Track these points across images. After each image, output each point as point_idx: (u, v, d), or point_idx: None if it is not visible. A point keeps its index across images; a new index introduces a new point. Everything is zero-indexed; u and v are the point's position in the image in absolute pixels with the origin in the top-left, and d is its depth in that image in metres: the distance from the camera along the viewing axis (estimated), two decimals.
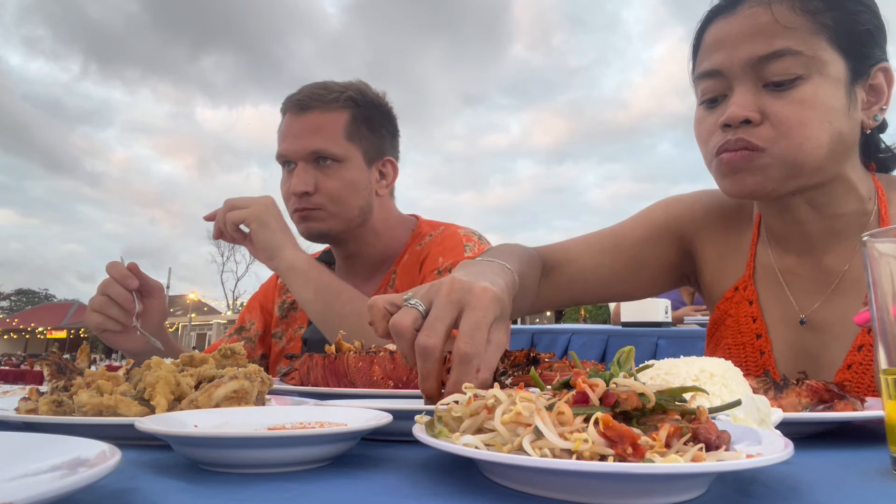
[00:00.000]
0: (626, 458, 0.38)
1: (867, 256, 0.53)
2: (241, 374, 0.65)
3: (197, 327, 34.40)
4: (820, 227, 1.00)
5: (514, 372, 0.77)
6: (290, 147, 1.42)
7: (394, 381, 0.82)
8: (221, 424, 0.55)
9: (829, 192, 0.97)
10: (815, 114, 0.89)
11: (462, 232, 1.49)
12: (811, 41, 0.89)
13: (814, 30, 0.89)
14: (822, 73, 0.89)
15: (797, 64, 0.88)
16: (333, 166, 1.41)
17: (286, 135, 1.44)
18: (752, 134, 0.91)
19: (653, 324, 3.45)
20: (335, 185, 1.41)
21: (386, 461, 0.53)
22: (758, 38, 0.90)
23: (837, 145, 0.91)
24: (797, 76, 0.89)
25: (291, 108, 1.45)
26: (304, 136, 1.41)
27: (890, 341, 0.50)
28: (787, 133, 0.89)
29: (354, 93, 1.45)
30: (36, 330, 38.68)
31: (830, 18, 0.89)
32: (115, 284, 1.23)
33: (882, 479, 0.49)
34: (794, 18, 0.89)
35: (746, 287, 1.10)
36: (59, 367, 0.80)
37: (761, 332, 1.07)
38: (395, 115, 1.55)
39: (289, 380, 0.95)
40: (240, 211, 1.30)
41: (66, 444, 0.42)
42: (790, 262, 1.06)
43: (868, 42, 0.92)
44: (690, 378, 0.67)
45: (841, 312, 0.99)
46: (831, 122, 0.89)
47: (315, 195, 1.40)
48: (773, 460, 0.39)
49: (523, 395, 0.44)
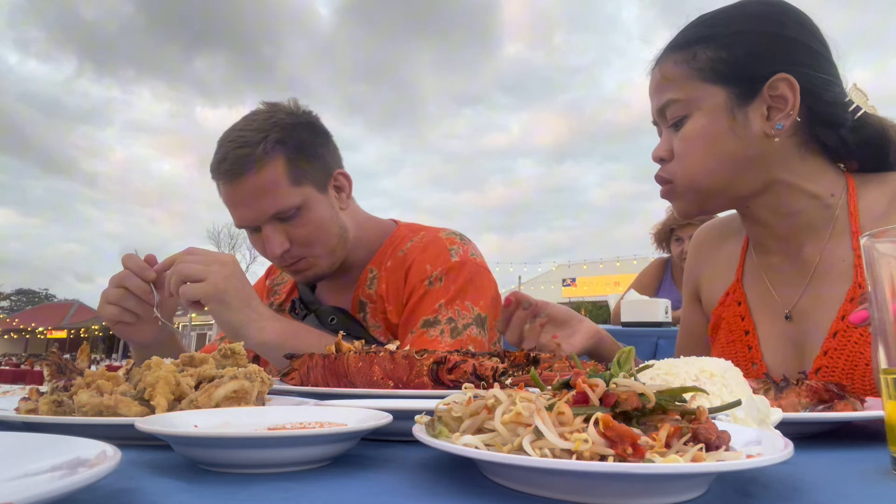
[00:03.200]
0: (626, 458, 0.38)
1: (867, 256, 0.53)
2: (241, 374, 0.65)
3: (197, 327, 34.41)
4: (784, 224, 1.09)
5: (514, 372, 0.77)
6: (245, 217, 1.34)
7: (394, 381, 0.82)
8: (221, 424, 0.55)
9: (774, 197, 1.07)
10: (697, 145, 1.04)
11: (443, 235, 1.47)
12: (686, 86, 1.05)
13: (688, 75, 1.05)
14: (700, 108, 1.04)
15: (679, 108, 1.06)
16: (296, 215, 1.33)
17: (234, 206, 1.35)
18: (662, 169, 1.11)
19: (653, 324, 3.45)
20: (306, 231, 1.35)
21: (386, 461, 0.53)
22: (656, 93, 1.10)
23: (737, 162, 1.03)
24: (682, 117, 1.06)
25: (223, 177, 1.33)
26: (253, 204, 1.32)
27: (890, 341, 0.50)
28: (681, 164, 1.07)
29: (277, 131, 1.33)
30: (36, 330, 38.68)
31: (703, 59, 1.03)
32: (133, 276, 1.21)
33: (882, 479, 0.49)
34: (674, 71, 1.06)
35: (736, 290, 1.20)
36: (59, 367, 0.80)
37: (749, 328, 1.15)
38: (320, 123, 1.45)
39: (289, 380, 0.95)
40: (194, 288, 1.16)
41: (66, 444, 0.42)
42: (773, 259, 1.15)
43: (753, 62, 1.01)
44: (690, 378, 0.67)
45: (818, 301, 1.06)
46: (716, 146, 1.03)
47: (292, 248, 1.35)
48: (773, 460, 0.39)
49: (523, 395, 0.44)
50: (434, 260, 1.40)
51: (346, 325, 1.43)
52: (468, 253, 1.44)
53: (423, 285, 1.37)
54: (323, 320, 1.45)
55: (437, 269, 1.38)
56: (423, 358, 0.80)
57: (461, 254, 1.42)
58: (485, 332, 1.37)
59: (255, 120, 1.36)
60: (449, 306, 1.34)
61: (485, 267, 1.46)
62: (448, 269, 1.39)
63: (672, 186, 1.09)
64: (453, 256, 1.41)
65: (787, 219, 1.08)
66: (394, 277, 1.44)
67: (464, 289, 1.37)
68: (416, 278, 1.39)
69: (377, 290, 1.44)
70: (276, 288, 1.67)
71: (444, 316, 1.33)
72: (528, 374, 0.76)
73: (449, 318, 1.33)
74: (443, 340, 1.30)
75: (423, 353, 0.81)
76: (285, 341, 1.19)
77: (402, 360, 0.81)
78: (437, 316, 1.33)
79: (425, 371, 0.79)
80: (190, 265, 1.18)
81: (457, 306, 1.35)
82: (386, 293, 1.43)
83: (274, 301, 1.63)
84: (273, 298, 1.64)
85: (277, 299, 1.63)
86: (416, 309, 1.37)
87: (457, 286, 1.37)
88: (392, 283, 1.44)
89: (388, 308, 1.43)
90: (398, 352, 0.83)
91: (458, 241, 1.46)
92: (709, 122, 1.03)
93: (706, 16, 1.08)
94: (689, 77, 1.05)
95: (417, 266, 1.41)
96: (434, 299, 1.35)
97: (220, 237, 42.80)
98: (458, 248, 1.44)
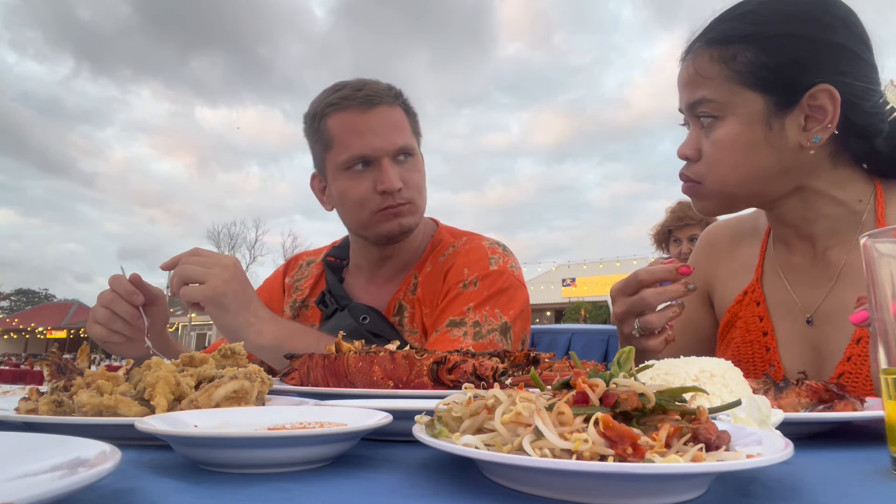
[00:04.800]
0: (626, 458, 0.38)
1: (867, 256, 0.53)
2: (241, 374, 0.65)
3: (197, 327, 34.41)
4: (810, 227, 1.08)
5: (514, 372, 0.77)
6: (375, 144, 1.37)
7: (394, 381, 0.82)
8: (221, 424, 0.55)
9: (801, 201, 1.06)
10: (731, 153, 1.01)
11: (486, 244, 1.48)
12: (723, 88, 1.00)
13: (726, 77, 1.00)
14: (735, 114, 1.00)
15: (714, 108, 1.01)
16: (410, 161, 1.41)
17: (362, 132, 1.38)
18: (689, 168, 1.07)
19: None
20: (418, 178, 1.42)
21: (386, 461, 0.53)
22: (688, 87, 1.05)
23: (767, 172, 1.01)
24: (715, 118, 1.02)
25: (355, 104, 1.38)
26: (383, 133, 1.37)
27: (890, 341, 0.50)
28: (711, 170, 1.04)
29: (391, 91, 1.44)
30: (36, 330, 38.68)
31: (744, 62, 0.99)
32: (121, 301, 1.22)
33: (882, 479, 0.49)
34: (711, 68, 1.02)
35: (755, 290, 1.18)
36: (59, 367, 0.80)
37: (767, 329, 1.14)
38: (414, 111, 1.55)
39: (289, 380, 0.95)
40: (194, 291, 1.18)
41: (66, 444, 0.42)
42: (796, 259, 1.13)
43: (795, 72, 0.97)
44: (690, 378, 0.67)
45: (842, 305, 1.04)
46: (749, 155, 1.01)
47: (404, 190, 1.38)
48: (773, 460, 0.39)
49: (523, 395, 0.44)
50: (473, 265, 1.41)
51: (378, 326, 1.43)
52: (508, 265, 1.45)
53: (458, 287, 1.38)
54: (355, 317, 1.44)
55: (475, 274, 1.39)
56: (423, 358, 0.80)
57: (500, 264, 1.43)
58: (508, 342, 1.37)
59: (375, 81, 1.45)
60: (477, 310, 1.35)
61: (521, 281, 1.46)
62: (485, 275, 1.40)
63: (698, 187, 1.07)
64: (493, 265, 1.42)
65: (814, 222, 1.07)
66: (432, 280, 1.45)
67: (495, 296, 1.37)
68: (453, 279, 1.41)
69: (417, 295, 1.45)
70: (296, 284, 1.65)
71: (471, 319, 1.33)
72: (528, 374, 0.76)
73: (475, 322, 1.33)
74: (464, 342, 1.30)
75: (423, 353, 0.81)
76: (283, 344, 1.19)
77: (402, 360, 0.81)
78: (465, 318, 1.34)
79: (425, 371, 0.79)
80: (191, 267, 1.20)
81: (485, 311, 1.35)
82: (424, 297, 1.44)
83: (296, 297, 1.61)
84: (295, 295, 1.62)
85: (300, 295, 1.61)
86: (447, 309, 1.38)
87: (489, 292, 1.38)
88: (430, 286, 1.45)
89: (425, 311, 1.44)
90: (398, 352, 0.83)
91: (499, 252, 1.47)
92: (744, 130, 1.00)
93: (746, 7, 1.02)
94: (726, 79, 1.00)
95: (456, 269, 1.42)
96: (464, 302, 1.36)
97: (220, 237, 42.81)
98: (500, 258, 1.45)
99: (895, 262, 0.51)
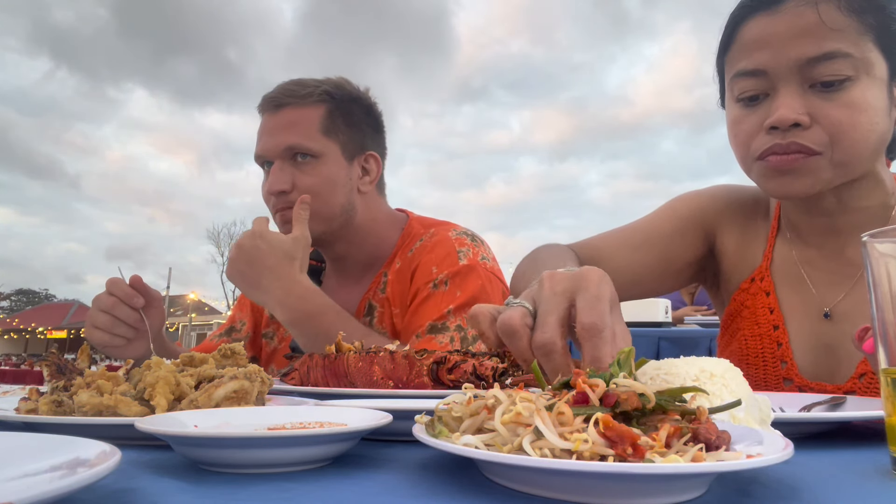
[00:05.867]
0: (626, 458, 0.38)
1: (867, 256, 0.53)
2: (241, 374, 0.65)
3: (197, 327, 34.41)
4: (845, 220, 1.00)
5: (514, 372, 0.77)
6: (265, 145, 1.38)
7: (394, 381, 0.82)
8: (221, 424, 0.55)
9: (859, 187, 0.97)
10: (865, 117, 0.88)
11: (453, 236, 1.42)
12: (859, 42, 0.88)
13: (861, 30, 0.88)
14: (870, 75, 0.88)
15: (847, 66, 0.87)
16: (310, 162, 1.36)
17: (261, 134, 1.41)
18: (804, 137, 0.89)
19: (653, 324, 3.45)
20: (312, 181, 1.35)
21: (386, 461, 0.53)
22: (807, 38, 0.88)
23: (880, 145, 0.93)
24: (846, 77, 0.87)
25: (266, 106, 1.41)
26: (279, 133, 1.37)
27: (890, 341, 0.50)
28: (840, 137, 0.89)
29: (331, 87, 1.41)
30: (36, 330, 38.68)
31: (874, 18, 0.88)
32: (122, 305, 1.21)
33: (882, 479, 0.49)
34: (842, 19, 0.88)
35: (763, 278, 1.10)
36: (59, 367, 0.80)
37: (778, 323, 1.06)
38: (378, 111, 1.50)
39: (289, 380, 0.95)
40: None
41: (66, 444, 0.42)
42: (812, 254, 1.06)
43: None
44: (690, 378, 0.67)
45: (864, 305, 0.98)
46: (878, 123, 0.90)
47: (293, 193, 1.34)
48: (773, 460, 0.39)
49: (523, 395, 0.44)
50: (441, 262, 1.36)
51: None
52: (478, 256, 1.39)
53: (428, 287, 1.34)
54: None
55: (444, 272, 1.34)
56: (423, 358, 0.80)
57: (470, 257, 1.38)
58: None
59: (320, 78, 1.44)
60: (458, 313, 1.31)
61: (495, 271, 1.41)
62: (454, 273, 1.35)
63: (814, 160, 0.90)
64: (461, 259, 1.36)
65: (853, 214, 1.00)
66: (400, 279, 1.41)
67: (475, 297, 1.32)
68: (422, 279, 1.36)
69: (387, 294, 1.42)
70: None
71: (453, 323, 1.30)
72: (527, 373, 0.76)
73: (458, 326, 1.30)
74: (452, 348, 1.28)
75: (423, 353, 0.81)
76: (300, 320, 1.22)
77: (402, 360, 0.81)
78: (446, 322, 1.30)
79: (425, 371, 0.79)
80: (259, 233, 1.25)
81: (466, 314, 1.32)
82: (392, 296, 1.41)
83: None
84: None
85: None
86: (420, 311, 1.34)
87: (466, 294, 1.32)
88: (398, 284, 1.41)
89: (394, 311, 1.40)
90: (398, 352, 0.83)
91: (468, 243, 1.41)
92: (877, 94, 0.89)
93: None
94: (861, 32, 0.88)
95: (423, 267, 1.38)
96: (439, 303, 1.32)
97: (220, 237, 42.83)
98: (468, 250, 1.39)
99: (895, 261, 0.51)
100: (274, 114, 1.39)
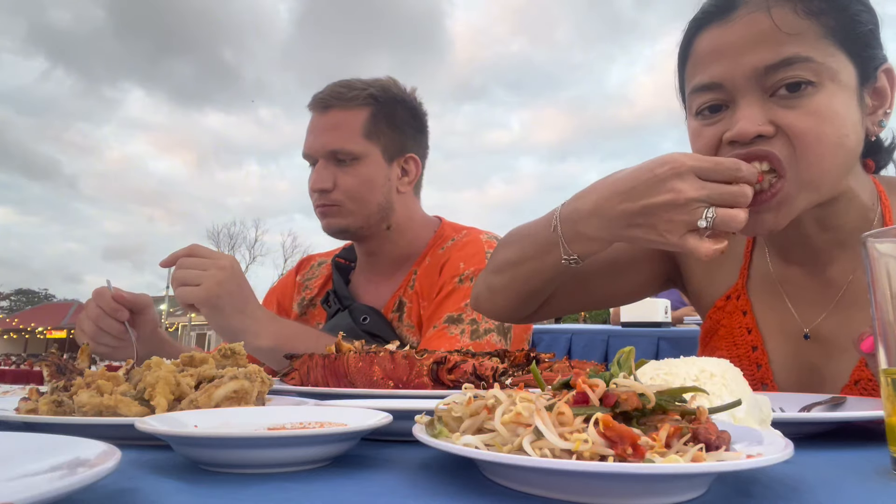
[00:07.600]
0: (626, 458, 0.38)
1: (867, 256, 0.53)
2: (241, 374, 0.65)
3: (197, 327, 34.40)
4: (824, 238, 0.95)
5: (514, 372, 0.77)
6: (311, 146, 1.46)
7: (394, 381, 0.82)
8: (221, 424, 0.55)
9: (835, 206, 0.91)
10: (832, 127, 0.81)
11: (484, 238, 1.48)
12: (819, 46, 0.82)
13: (821, 34, 0.82)
14: (835, 81, 0.82)
15: (808, 71, 0.81)
16: (352, 164, 1.43)
17: (308, 133, 1.48)
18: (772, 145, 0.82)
19: (653, 324, 3.45)
20: (353, 182, 1.42)
21: (386, 461, 0.53)
22: (762, 46, 0.82)
23: (850, 159, 0.86)
24: (809, 82, 0.81)
25: (314, 106, 1.48)
26: (323, 135, 1.44)
27: (890, 341, 0.50)
28: (805, 150, 0.81)
29: (377, 90, 1.46)
30: (36, 330, 38.67)
31: (834, 20, 0.83)
32: (106, 317, 1.24)
33: (882, 479, 0.49)
34: (798, 22, 0.82)
35: (739, 296, 1.05)
36: (59, 367, 0.80)
37: (757, 343, 1.02)
38: (423, 112, 1.55)
39: (289, 380, 0.95)
40: (189, 293, 1.18)
41: (66, 444, 0.42)
42: (792, 272, 1.01)
43: (871, 43, 0.86)
44: (690, 378, 0.67)
45: (847, 324, 0.94)
46: (847, 135, 0.82)
47: (333, 192, 1.42)
48: (773, 460, 0.39)
49: (523, 395, 0.44)
50: (469, 259, 1.41)
51: (377, 326, 1.44)
52: None
53: (454, 282, 1.38)
54: (356, 318, 1.46)
55: (470, 269, 1.39)
56: (423, 358, 0.80)
57: None
58: (507, 342, 1.36)
59: (369, 79, 1.50)
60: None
61: None
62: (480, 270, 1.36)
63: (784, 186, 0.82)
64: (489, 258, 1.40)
65: (832, 232, 0.94)
66: (429, 273, 1.46)
67: None
68: (449, 274, 1.41)
69: (416, 289, 1.46)
70: (307, 283, 1.67)
71: (469, 316, 1.33)
72: (528, 373, 0.76)
73: (472, 320, 1.33)
74: (461, 340, 1.30)
75: (423, 353, 0.81)
76: (281, 345, 1.20)
77: (402, 360, 0.81)
78: (462, 314, 1.33)
79: (425, 371, 0.79)
80: (187, 270, 1.20)
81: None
82: (421, 290, 1.45)
83: (305, 296, 1.64)
84: (304, 293, 1.65)
85: (309, 294, 1.64)
86: (443, 304, 1.38)
87: None
88: (427, 278, 1.46)
89: (422, 304, 1.44)
90: (398, 352, 0.83)
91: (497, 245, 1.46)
92: (845, 102, 0.82)
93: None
94: (820, 35, 0.82)
95: (452, 262, 1.42)
96: (461, 297, 1.36)
97: (220, 237, 42.82)
98: None
99: (895, 262, 0.51)
100: (321, 114, 1.46)
